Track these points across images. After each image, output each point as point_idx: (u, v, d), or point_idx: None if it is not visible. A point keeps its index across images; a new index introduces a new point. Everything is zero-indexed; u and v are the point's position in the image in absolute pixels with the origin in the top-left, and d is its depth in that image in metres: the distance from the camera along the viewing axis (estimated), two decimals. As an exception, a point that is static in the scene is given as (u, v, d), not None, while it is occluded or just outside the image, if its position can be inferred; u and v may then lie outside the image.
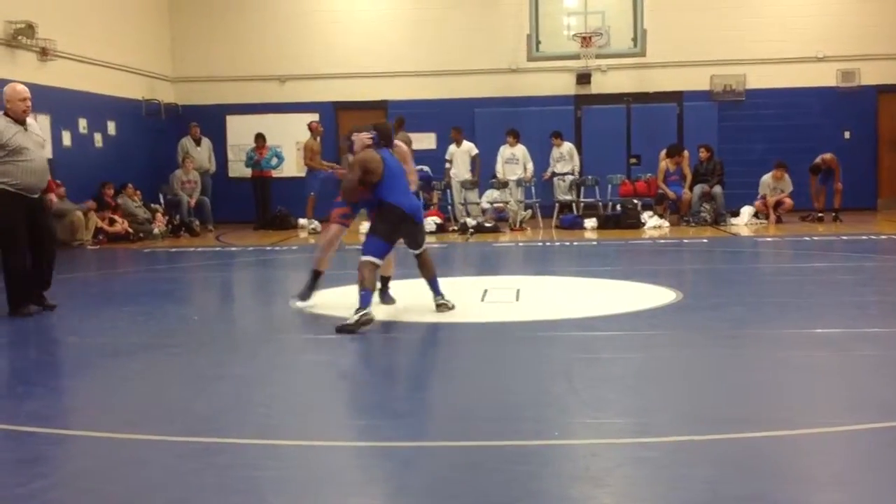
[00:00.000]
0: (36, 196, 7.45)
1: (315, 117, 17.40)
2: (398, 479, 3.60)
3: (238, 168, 17.85)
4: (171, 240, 14.96)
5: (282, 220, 16.48)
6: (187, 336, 6.69)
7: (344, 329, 6.29)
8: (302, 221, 16.14)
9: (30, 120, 7.58)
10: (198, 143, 17.08)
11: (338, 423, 4.33)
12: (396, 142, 7.41)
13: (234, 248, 13.43)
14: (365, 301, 6.45)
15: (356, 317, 6.32)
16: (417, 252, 7.10)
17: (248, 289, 10.34)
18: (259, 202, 16.87)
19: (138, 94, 17.01)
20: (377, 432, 4.12)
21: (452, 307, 7.07)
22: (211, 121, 17.76)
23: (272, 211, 16.73)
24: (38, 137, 7.60)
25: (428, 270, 7.13)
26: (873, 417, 4.19)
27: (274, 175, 17.11)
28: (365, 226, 7.64)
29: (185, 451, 3.89)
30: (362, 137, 6.91)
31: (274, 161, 17.06)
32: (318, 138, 15.64)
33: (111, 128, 16.01)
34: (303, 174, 16.34)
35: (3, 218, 7.25)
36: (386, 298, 7.52)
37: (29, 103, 7.41)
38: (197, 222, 16.05)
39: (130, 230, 14.47)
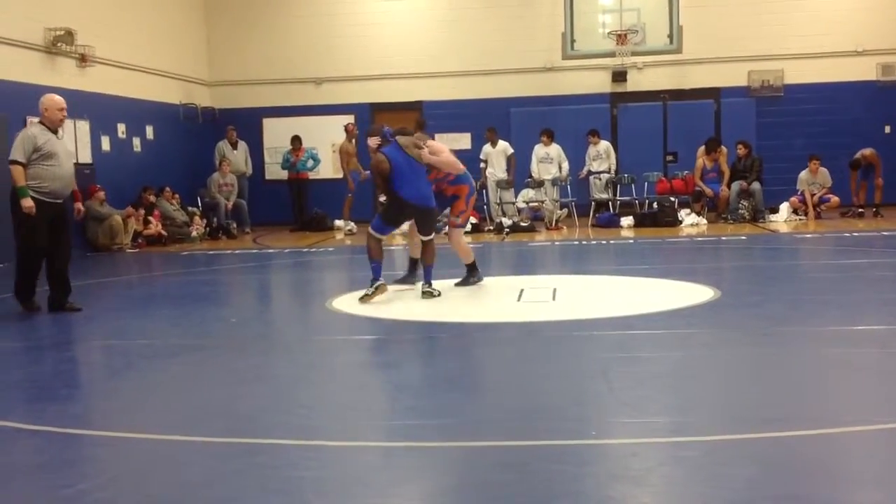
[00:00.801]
0: (59, 202, 7.79)
1: (351, 119, 17.50)
2: (437, 479, 3.62)
3: (275, 170, 17.99)
4: (209, 242, 15.11)
5: (318, 221, 16.58)
6: (226, 338, 6.77)
7: (363, 299, 7.52)
8: (338, 223, 16.24)
9: (59, 131, 7.88)
10: (234, 146, 17.24)
11: (377, 424, 4.36)
12: (417, 143, 8.15)
13: (271, 250, 13.54)
14: (376, 272, 7.65)
15: (371, 288, 7.55)
16: (424, 239, 8.06)
17: (285, 290, 10.42)
18: (295, 204, 17.00)
19: (175, 99, 17.20)
20: (415, 432, 4.14)
21: (438, 294, 7.86)
22: (247, 124, 17.94)
23: (309, 213, 16.84)
24: (67, 147, 8.02)
25: (426, 257, 8.05)
26: (916, 416, 4.14)
27: (310, 177, 17.22)
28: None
29: (226, 452, 3.94)
30: (370, 143, 7.96)
31: (310, 163, 17.16)
32: (354, 140, 15.75)
33: (149, 132, 16.21)
34: (339, 176, 16.47)
35: (27, 221, 7.55)
36: (407, 278, 8.61)
37: (65, 113, 7.81)
38: (234, 225, 16.19)
39: (164, 233, 14.62)
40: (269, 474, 3.60)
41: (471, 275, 8.62)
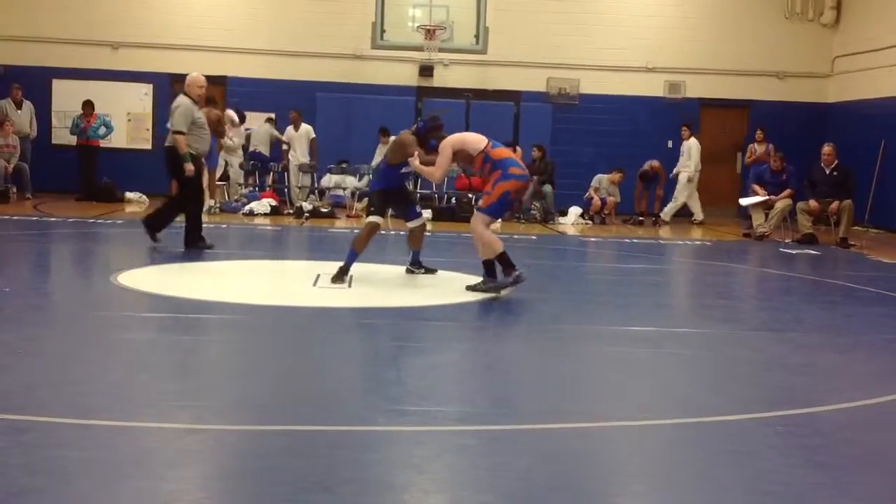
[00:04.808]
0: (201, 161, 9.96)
1: (149, 88, 16.84)
2: (217, 462, 3.55)
3: (63, 135, 16.99)
4: (-16, 206, 14.09)
5: (107, 192, 15.80)
6: (-3, 308, 6.34)
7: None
8: (129, 195, 15.57)
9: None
10: (19, 105, 16.14)
11: (155, 404, 4.20)
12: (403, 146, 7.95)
13: (53, 219, 12.77)
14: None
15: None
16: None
17: (66, 262, 9.87)
18: (84, 172, 16.12)
19: (-45, 50, 15.92)
20: (196, 414, 4.03)
21: (422, 272, 8.20)
22: (35, 83, 16.80)
23: (98, 182, 16.02)
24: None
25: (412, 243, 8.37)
26: (677, 413, 4.45)
27: (101, 145, 16.41)
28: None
29: (-11, 429, 3.70)
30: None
31: (102, 130, 16.35)
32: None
33: (-78, 83, 14.91)
34: (135, 146, 15.83)
35: (193, 177, 9.56)
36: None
37: (204, 90, 9.90)
38: (14, 189, 15.20)
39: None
40: (35, 453, 3.41)
41: (487, 276, 7.40)
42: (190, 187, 9.76)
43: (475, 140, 7.59)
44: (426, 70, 17.62)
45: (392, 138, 16.01)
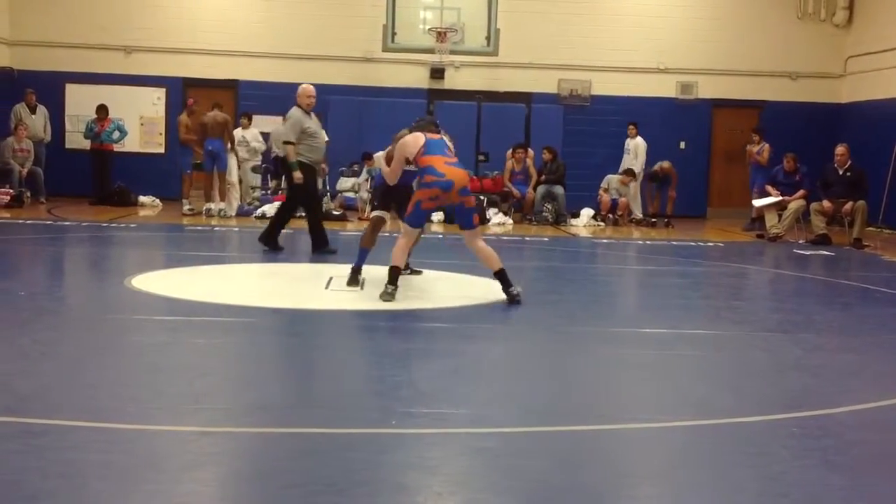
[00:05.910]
0: (316, 168, 10.20)
1: (162, 92, 16.88)
2: (232, 465, 3.56)
3: (76, 139, 17.06)
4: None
5: (121, 195, 15.87)
6: (12, 312, 6.37)
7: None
8: (142, 199, 15.62)
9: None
10: (33, 110, 16.24)
11: (169, 407, 4.22)
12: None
13: (67, 223, 12.83)
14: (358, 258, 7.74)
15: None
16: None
17: (81, 265, 9.92)
18: (97, 176, 16.19)
19: (-31, 55, 16.02)
20: (210, 417, 4.05)
21: (408, 272, 8.04)
22: (49, 88, 16.87)
23: (111, 186, 16.09)
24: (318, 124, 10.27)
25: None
26: (691, 414, 4.43)
27: (115, 149, 16.47)
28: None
29: (4, 432, 3.71)
30: None
31: (116, 134, 16.41)
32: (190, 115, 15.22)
33: (-63, 89, 15.00)
34: (149, 150, 15.87)
35: (307, 183, 9.83)
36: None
37: (314, 100, 10.19)
38: (28, 193, 15.28)
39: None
40: (51, 456, 3.42)
41: (503, 284, 7.08)
42: (299, 195, 10.05)
43: (413, 144, 7.19)
44: (437, 72, 17.61)
45: (377, 156, 15.94)
